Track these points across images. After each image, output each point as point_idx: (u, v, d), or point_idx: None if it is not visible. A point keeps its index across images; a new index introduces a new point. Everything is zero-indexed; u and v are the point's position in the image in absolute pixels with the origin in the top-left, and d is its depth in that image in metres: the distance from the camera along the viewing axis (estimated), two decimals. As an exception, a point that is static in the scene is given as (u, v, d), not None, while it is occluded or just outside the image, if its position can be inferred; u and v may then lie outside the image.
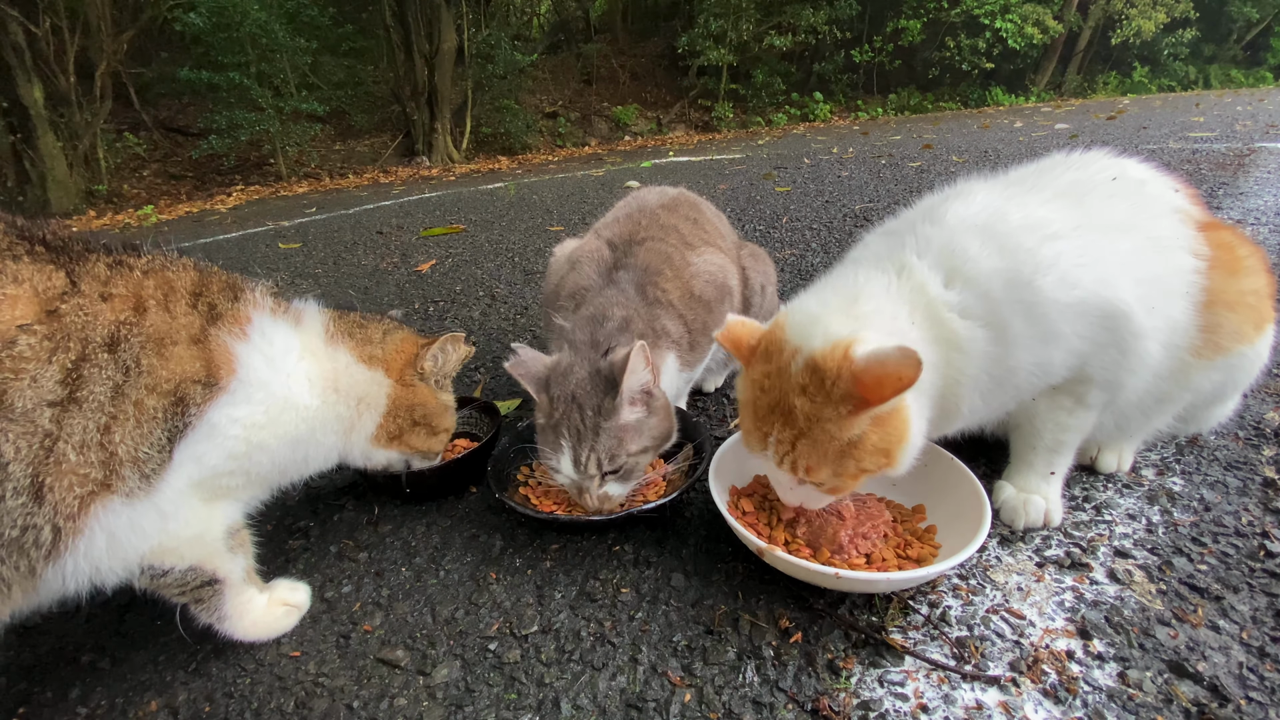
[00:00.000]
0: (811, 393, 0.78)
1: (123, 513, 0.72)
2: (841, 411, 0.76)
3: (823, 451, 0.79)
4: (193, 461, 0.77)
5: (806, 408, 0.78)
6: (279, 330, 0.88)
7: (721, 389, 1.58)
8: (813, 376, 0.78)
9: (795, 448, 0.80)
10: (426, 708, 0.80)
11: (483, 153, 10.24)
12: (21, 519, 0.65)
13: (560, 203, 4.71)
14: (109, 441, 0.69)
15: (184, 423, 0.75)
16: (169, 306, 0.77)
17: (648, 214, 1.38)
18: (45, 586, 0.72)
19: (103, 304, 0.72)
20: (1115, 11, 13.52)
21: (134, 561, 0.77)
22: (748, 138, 9.93)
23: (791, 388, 0.80)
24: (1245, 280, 0.95)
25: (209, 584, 0.85)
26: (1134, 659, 0.77)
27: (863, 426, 0.77)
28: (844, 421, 0.77)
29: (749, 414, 0.87)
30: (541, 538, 1.09)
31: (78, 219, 6.34)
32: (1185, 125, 5.83)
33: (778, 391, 0.82)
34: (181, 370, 0.75)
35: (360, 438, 0.99)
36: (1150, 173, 1.01)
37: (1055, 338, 0.86)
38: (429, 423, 1.05)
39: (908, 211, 1.01)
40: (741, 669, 0.81)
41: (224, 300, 0.83)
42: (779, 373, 0.82)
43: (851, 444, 0.78)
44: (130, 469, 0.71)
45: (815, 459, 0.80)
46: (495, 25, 10.82)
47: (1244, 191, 2.97)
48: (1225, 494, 1.05)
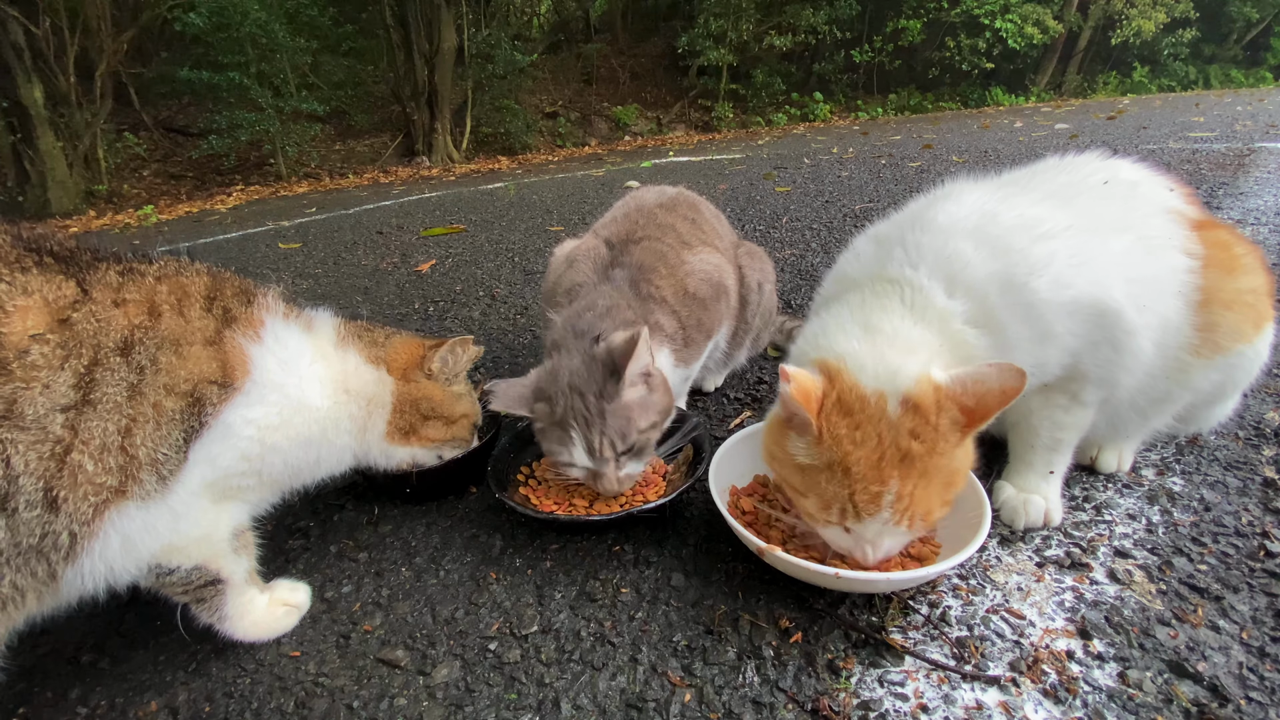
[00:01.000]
0: (920, 433, 0.75)
1: (137, 515, 0.73)
2: (953, 441, 0.76)
3: (934, 489, 0.77)
4: (207, 462, 0.78)
5: (920, 449, 0.75)
6: (292, 334, 0.89)
7: (721, 388, 1.58)
8: (917, 417, 0.75)
9: (914, 498, 0.76)
10: (426, 708, 0.80)
11: (483, 153, 10.24)
12: (39, 528, 0.66)
13: (560, 203, 4.71)
14: (130, 444, 0.70)
15: (200, 423, 0.76)
16: (183, 310, 0.78)
17: (645, 213, 1.39)
18: (66, 587, 0.73)
19: (116, 310, 0.73)
20: (1115, 11, 13.51)
21: (145, 560, 0.78)
22: (748, 138, 9.92)
23: (900, 435, 0.75)
24: (1242, 279, 0.95)
25: (212, 584, 0.85)
26: (1134, 659, 0.77)
27: (966, 451, 0.78)
28: (954, 451, 0.77)
29: (842, 479, 0.77)
30: (541, 538, 1.09)
31: (78, 219, 6.33)
32: (1185, 125, 5.83)
33: (880, 443, 0.75)
34: (198, 371, 0.76)
35: (374, 437, 1.00)
36: (1144, 173, 1.01)
37: (1050, 337, 0.87)
38: (440, 414, 1.07)
39: (897, 215, 1.01)
40: (741, 669, 0.81)
41: (238, 304, 0.84)
42: (874, 422, 0.76)
43: (955, 471, 0.78)
44: (148, 471, 0.72)
45: (930, 500, 0.77)
46: (495, 25, 10.81)
47: (1244, 191, 2.97)
48: (1225, 494, 1.05)
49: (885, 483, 0.75)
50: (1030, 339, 0.86)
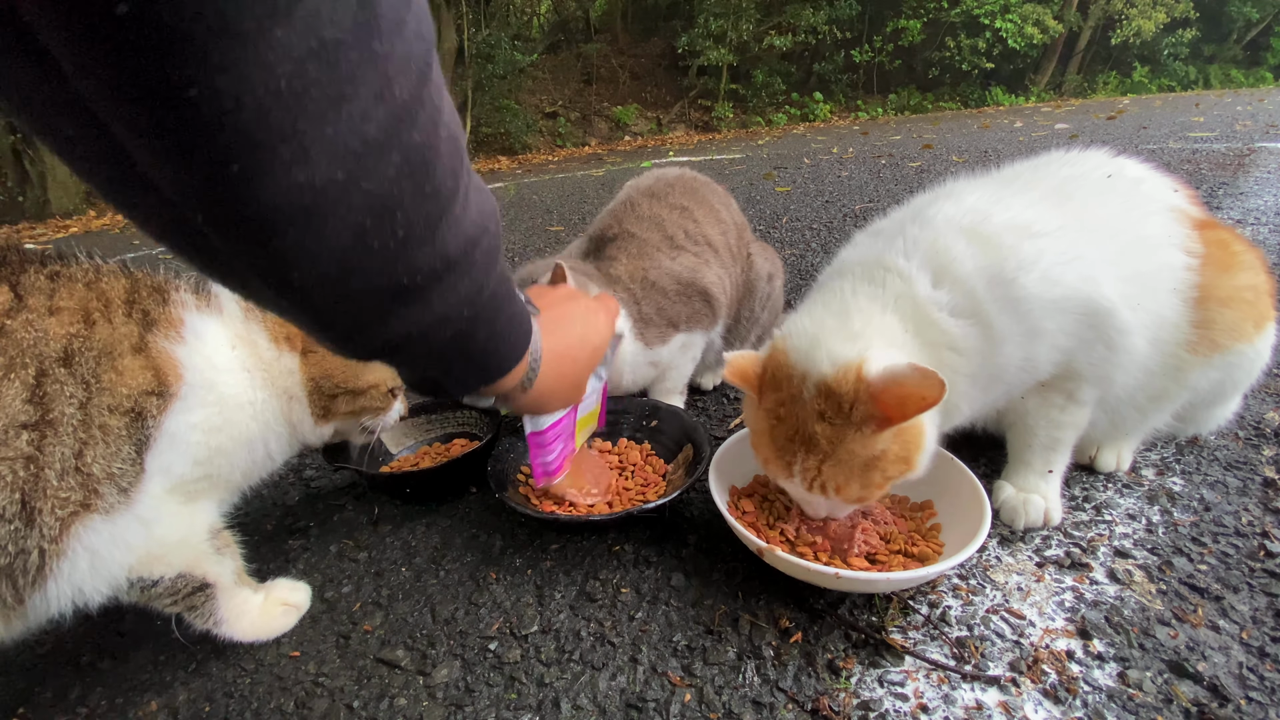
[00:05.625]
0: (830, 418, 0.79)
1: (104, 529, 0.71)
2: (865, 432, 0.77)
3: (848, 470, 0.80)
4: (162, 472, 0.77)
5: (828, 433, 0.79)
6: (209, 325, 0.85)
7: (720, 387, 1.58)
8: (829, 402, 0.78)
9: (821, 472, 0.81)
10: (426, 708, 0.80)
11: (483, 152, 10.24)
12: (14, 544, 0.65)
13: (560, 203, 4.71)
14: (83, 464, 0.68)
15: (146, 435, 0.74)
16: (111, 317, 0.75)
17: (630, 205, 1.36)
18: (32, 612, 0.71)
19: (51, 319, 0.69)
20: (1115, 11, 13.51)
21: (120, 576, 0.76)
22: (748, 138, 9.92)
23: (809, 415, 0.80)
24: (1240, 276, 0.95)
25: (200, 589, 0.84)
26: (1134, 659, 0.78)
27: (886, 442, 0.78)
28: (868, 441, 0.78)
29: (767, 444, 0.86)
30: (541, 538, 1.09)
31: (78, 219, 6.34)
32: (1185, 125, 5.83)
33: (795, 420, 0.82)
34: (135, 383, 0.74)
35: (304, 416, 0.96)
36: (1147, 172, 1.01)
37: (1039, 334, 0.87)
38: (345, 388, 0.99)
39: (897, 212, 1.02)
40: (741, 669, 0.81)
41: (154, 304, 0.80)
42: (792, 400, 0.82)
43: (875, 458, 0.79)
44: (107, 485, 0.71)
45: (842, 478, 0.81)
46: (495, 25, 10.82)
47: (1244, 191, 2.97)
48: (1225, 494, 1.05)
49: (793, 455, 0.82)
50: (1019, 334, 0.86)
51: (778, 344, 0.88)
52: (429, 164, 0.38)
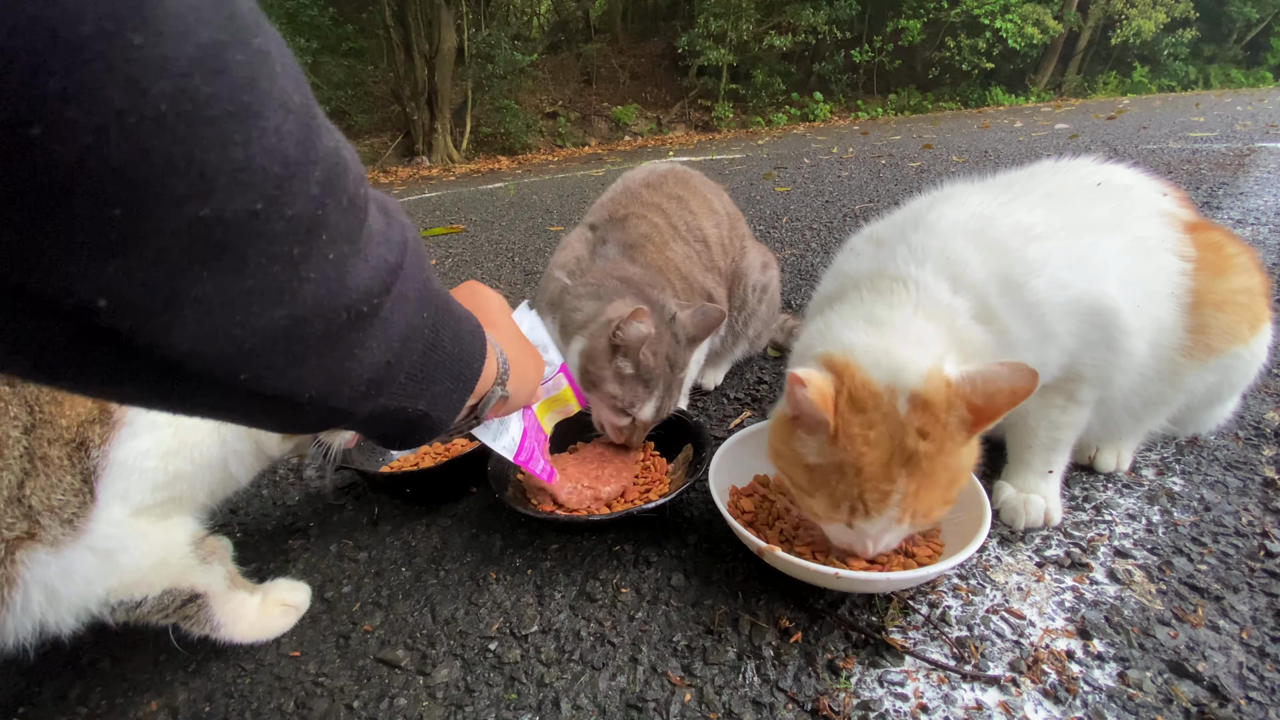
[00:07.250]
0: (928, 431, 0.74)
1: (52, 562, 0.69)
2: (959, 440, 0.75)
3: (938, 488, 0.76)
4: (119, 500, 0.74)
5: (928, 448, 0.74)
6: None
7: (721, 388, 1.58)
8: (925, 415, 0.74)
9: (919, 496, 0.76)
10: (426, 708, 0.80)
11: (483, 152, 10.24)
12: None
13: (560, 202, 4.71)
14: (23, 494, 0.66)
15: (91, 465, 0.71)
16: None
17: (630, 193, 1.38)
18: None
19: None
20: (1115, 11, 13.51)
21: (87, 606, 0.74)
22: (748, 138, 9.92)
23: (908, 433, 0.74)
24: (1234, 279, 0.95)
25: (191, 601, 0.83)
26: (1134, 659, 0.78)
27: (970, 450, 0.78)
28: (959, 451, 0.76)
29: (853, 479, 0.75)
30: (541, 538, 1.09)
31: (78, 219, 6.33)
32: (1185, 125, 5.83)
33: (890, 442, 0.74)
34: (75, 413, 0.71)
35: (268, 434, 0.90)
36: (1137, 177, 1.01)
37: (1051, 337, 0.87)
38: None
39: (895, 215, 1.01)
40: (741, 669, 0.81)
41: None
42: (884, 420, 0.75)
43: (960, 470, 0.78)
44: (48, 517, 0.68)
45: (934, 498, 0.77)
46: (495, 25, 10.82)
47: (1244, 191, 2.97)
48: (1225, 494, 1.05)
49: (894, 481, 0.75)
50: (1032, 339, 0.86)
51: (838, 360, 0.79)
52: (343, 167, 0.33)
